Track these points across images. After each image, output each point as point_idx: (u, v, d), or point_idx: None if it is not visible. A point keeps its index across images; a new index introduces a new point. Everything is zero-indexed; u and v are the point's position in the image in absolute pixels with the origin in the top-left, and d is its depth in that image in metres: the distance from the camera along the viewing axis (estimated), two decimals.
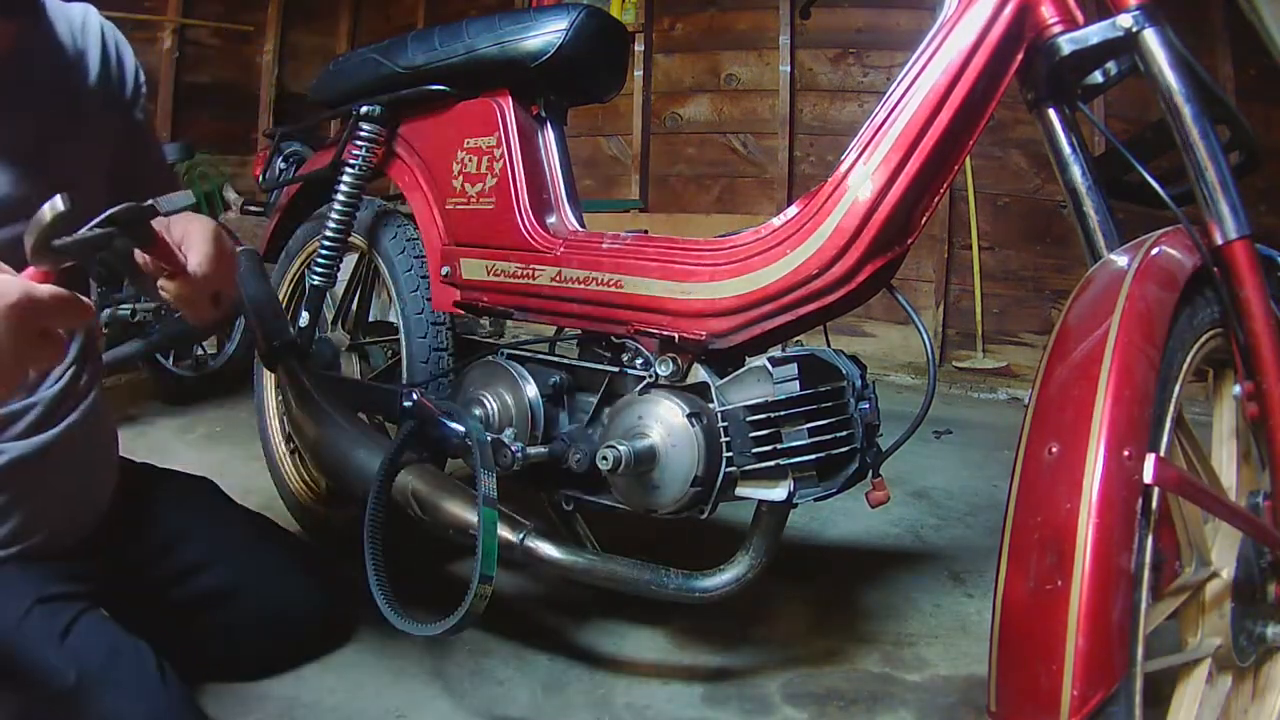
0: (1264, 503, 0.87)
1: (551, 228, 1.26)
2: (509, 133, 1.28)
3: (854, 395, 1.05)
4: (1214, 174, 0.84)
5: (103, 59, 1.05)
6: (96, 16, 1.07)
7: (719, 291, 1.06)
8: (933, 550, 1.72)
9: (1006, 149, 3.34)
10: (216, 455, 2.13)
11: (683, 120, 3.93)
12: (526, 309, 1.26)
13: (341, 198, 1.43)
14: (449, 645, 1.30)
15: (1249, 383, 0.85)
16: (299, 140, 2.56)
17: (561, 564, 1.14)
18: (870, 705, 1.18)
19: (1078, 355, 0.73)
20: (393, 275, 1.47)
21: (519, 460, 1.16)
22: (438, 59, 1.32)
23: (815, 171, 3.67)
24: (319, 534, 1.61)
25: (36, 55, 0.97)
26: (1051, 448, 0.69)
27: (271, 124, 4.29)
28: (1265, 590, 0.87)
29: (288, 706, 1.14)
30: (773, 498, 1.03)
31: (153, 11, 3.90)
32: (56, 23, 1.01)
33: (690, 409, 1.06)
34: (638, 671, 1.26)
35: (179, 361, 2.77)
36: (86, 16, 1.05)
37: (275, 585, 1.19)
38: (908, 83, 0.98)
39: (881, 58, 3.53)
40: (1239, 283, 0.83)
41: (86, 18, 1.05)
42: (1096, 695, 0.62)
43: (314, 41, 4.56)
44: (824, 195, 1.01)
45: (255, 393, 1.78)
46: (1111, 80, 1.01)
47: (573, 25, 1.23)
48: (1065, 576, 0.64)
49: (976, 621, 1.42)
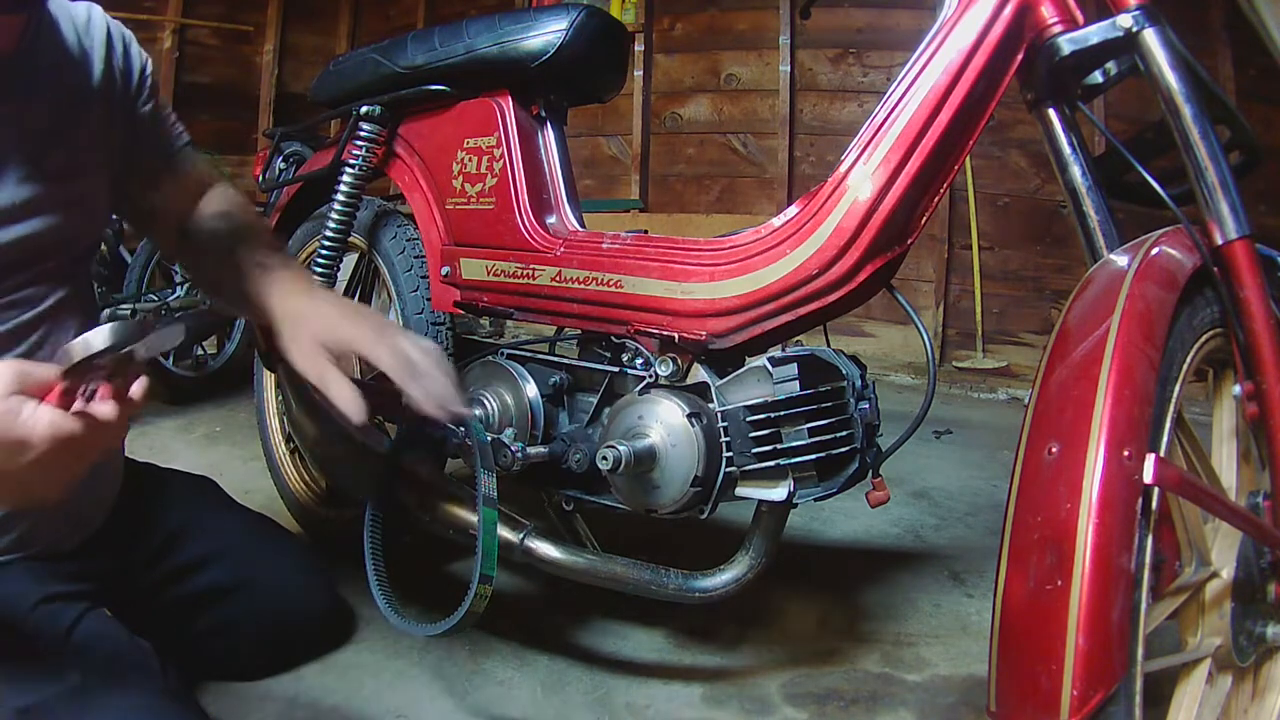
0: (1264, 503, 0.87)
1: (551, 228, 1.26)
2: (509, 133, 1.28)
3: (854, 395, 1.05)
4: (1214, 174, 0.84)
5: (107, 56, 1.04)
6: (101, 14, 1.06)
7: (719, 291, 1.06)
8: (933, 550, 1.72)
9: (1006, 149, 3.34)
10: (216, 455, 2.13)
11: (683, 120, 3.93)
12: (526, 309, 1.26)
13: (341, 198, 1.43)
14: (449, 645, 1.30)
15: (1249, 383, 0.85)
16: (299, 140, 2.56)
17: (561, 564, 1.14)
18: (870, 705, 1.18)
19: (1078, 355, 0.73)
20: (393, 275, 1.47)
21: (519, 460, 1.16)
22: (438, 59, 1.32)
23: (815, 171, 3.67)
24: (319, 534, 1.61)
25: (40, 54, 0.96)
26: (1051, 448, 0.69)
27: (271, 124, 4.29)
28: (1265, 590, 0.87)
29: (288, 706, 1.14)
30: (773, 498, 1.03)
31: (153, 11, 3.91)
32: (60, 21, 1.00)
33: (690, 409, 1.06)
34: (638, 671, 1.26)
35: (179, 361, 2.78)
36: (91, 14, 1.04)
37: (275, 585, 1.19)
38: (908, 83, 0.98)
39: (881, 58, 3.53)
40: (1239, 283, 0.83)
41: (91, 15, 1.04)
42: (1096, 695, 0.62)
43: (314, 41, 4.57)
44: (824, 195, 1.01)
45: (255, 393, 1.78)
46: (1111, 80, 1.01)
47: (573, 25, 1.23)
48: (1065, 576, 0.64)
49: (976, 621, 1.42)
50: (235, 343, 2.85)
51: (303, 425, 1.39)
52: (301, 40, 4.51)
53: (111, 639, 0.95)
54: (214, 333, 2.86)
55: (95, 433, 0.70)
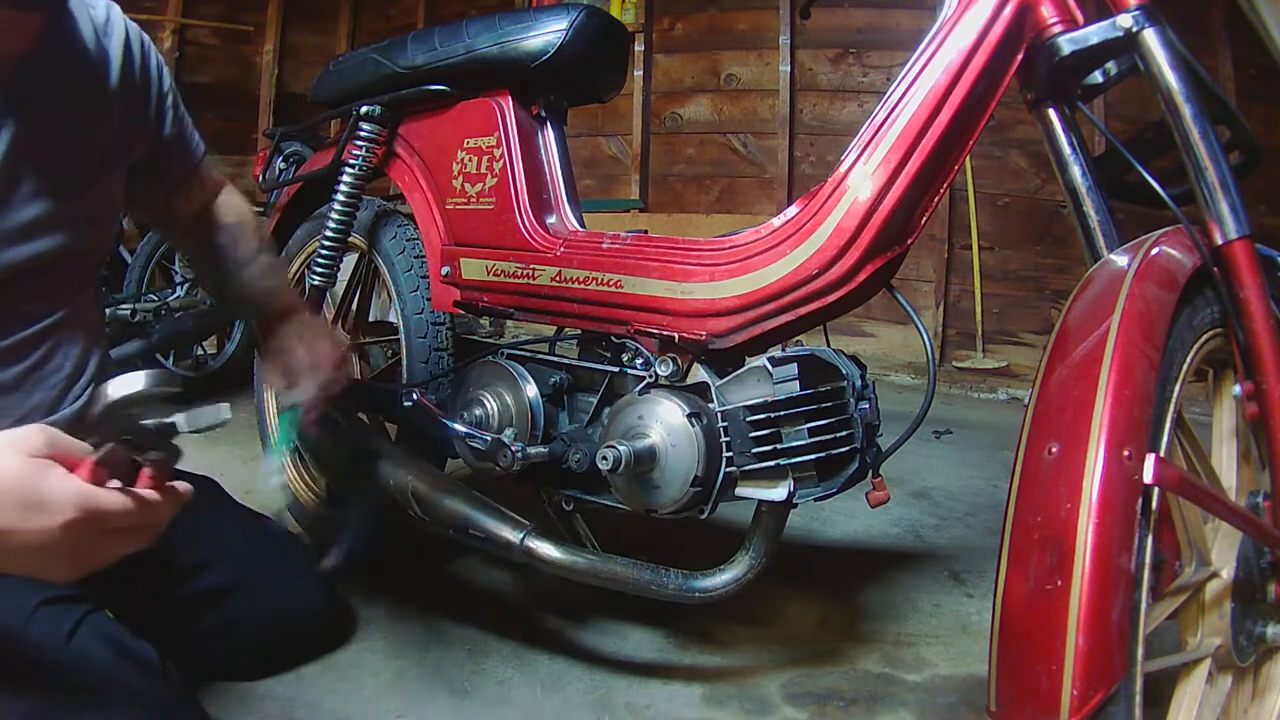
0: (1264, 503, 0.87)
1: (551, 228, 1.26)
2: (509, 133, 1.28)
3: (854, 395, 1.05)
4: (1214, 174, 0.84)
5: (125, 59, 1.02)
6: (120, 15, 1.03)
7: (719, 291, 1.06)
8: (933, 550, 1.72)
9: (1006, 149, 3.34)
10: (216, 455, 2.13)
11: (683, 120, 3.93)
12: (526, 309, 1.26)
13: (341, 198, 1.43)
14: (449, 645, 1.30)
15: (1249, 383, 0.85)
16: (299, 140, 2.56)
17: (561, 564, 1.14)
18: (870, 705, 1.18)
19: (1078, 355, 0.73)
20: (393, 275, 1.47)
21: (519, 460, 1.16)
22: (438, 59, 1.32)
23: (815, 171, 3.67)
24: (319, 534, 1.61)
25: (58, 55, 0.94)
26: (1051, 448, 0.69)
27: (271, 124, 4.30)
28: (1265, 590, 0.87)
29: (288, 706, 1.14)
30: (773, 498, 1.03)
31: (153, 11, 3.91)
32: (79, 20, 0.97)
33: (690, 409, 1.06)
34: (638, 671, 1.26)
35: (179, 361, 2.78)
36: (110, 14, 1.02)
37: (276, 585, 1.19)
38: (908, 83, 0.98)
39: (881, 58, 3.53)
40: (1239, 283, 0.83)
41: (110, 16, 1.02)
42: (1096, 695, 0.62)
43: (314, 41, 4.57)
44: (824, 195, 1.01)
45: (255, 393, 1.77)
46: (1111, 80, 1.01)
47: (573, 25, 1.23)
48: (1065, 576, 0.64)
49: (976, 621, 1.42)
50: (235, 343, 2.85)
51: None
52: (301, 40, 4.52)
53: (114, 641, 0.95)
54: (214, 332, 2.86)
55: (127, 515, 0.63)
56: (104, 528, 0.62)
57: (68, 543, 0.61)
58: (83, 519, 0.61)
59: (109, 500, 0.62)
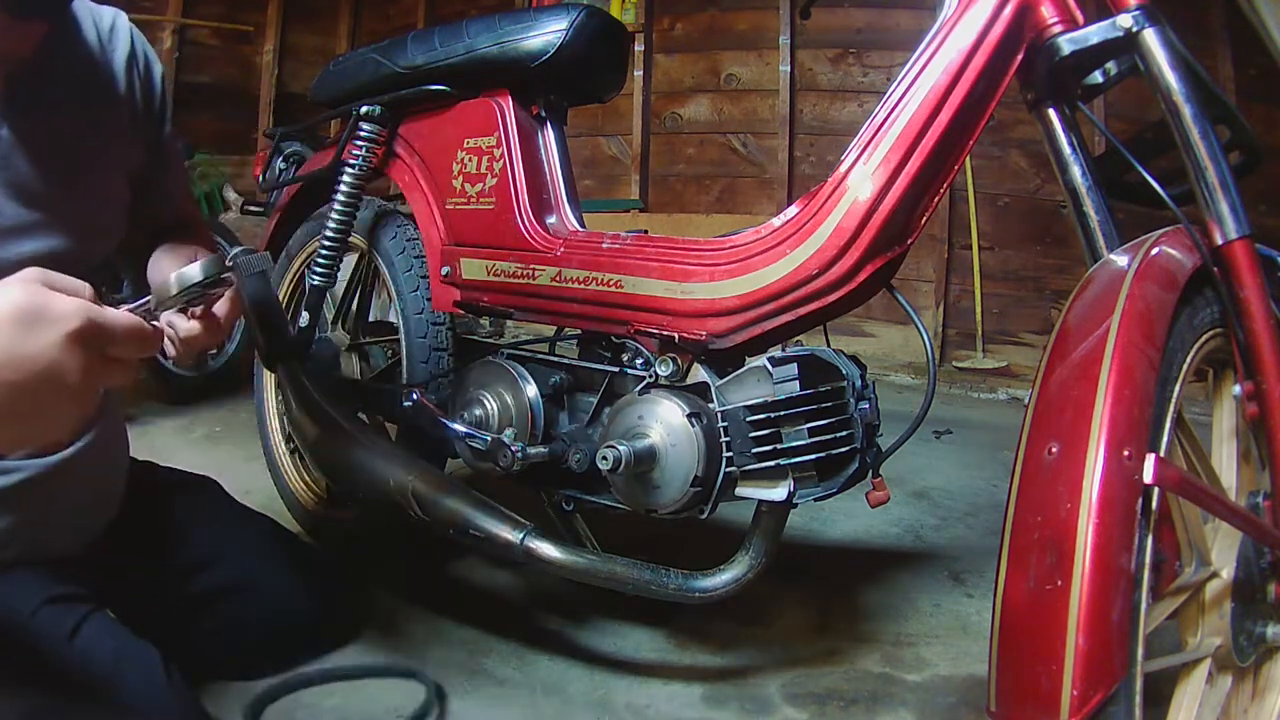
0: (1264, 503, 0.87)
1: (551, 228, 1.26)
2: (509, 133, 1.28)
3: (854, 395, 1.05)
4: (1214, 174, 0.84)
5: (129, 68, 1.01)
6: (126, 23, 1.02)
7: (719, 291, 1.06)
8: (933, 550, 1.72)
9: (1006, 149, 3.34)
10: (216, 455, 2.13)
11: (683, 120, 3.93)
12: (526, 309, 1.26)
13: (341, 198, 1.43)
14: (449, 645, 1.30)
15: (1249, 383, 0.85)
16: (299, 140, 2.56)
17: (561, 564, 1.13)
18: (870, 705, 1.18)
19: (1078, 355, 0.73)
20: (393, 275, 1.47)
21: (519, 460, 1.16)
22: (438, 59, 1.32)
23: (815, 171, 3.67)
24: (319, 534, 1.61)
25: (61, 61, 0.94)
26: (1051, 448, 0.69)
27: (271, 124, 4.29)
28: (1265, 590, 0.87)
29: (288, 706, 1.14)
30: (773, 498, 1.03)
31: (153, 11, 3.91)
32: (84, 26, 0.97)
33: (690, 409, 1.06)
34: (638, 671, 1.26)
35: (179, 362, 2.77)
36: (116, 22, 1.01)
37: (276, 585, 1.19)
38: (908, 83, 0.98)
39: (881, 58, 3.53)
40: (1239, 283, 0.83)
41: (116, 22, 1.01)
42: (1096, 695, 0.62)
43: (314, 41, 4.57)
44: (824, 195, 1.01)
45: (255, 393, 1.78)
46: (1111, 80, 1.01)
47: (573, 25, 1.23)
48: (1065, 576, 0.64)
49: (976, 621, 1.42)
50: (235, 343, 2.85)
51: (303, 425, 1.39)
52: (301, 40, 4.52)
53: (115, 640, 0.95)
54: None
55: (130, 331, 0.61)
56: (109, 342, 0.60)
57: (72, 362, 0.57)
58: (87, 327, 0.58)
59: (112, 313, 0.61)
